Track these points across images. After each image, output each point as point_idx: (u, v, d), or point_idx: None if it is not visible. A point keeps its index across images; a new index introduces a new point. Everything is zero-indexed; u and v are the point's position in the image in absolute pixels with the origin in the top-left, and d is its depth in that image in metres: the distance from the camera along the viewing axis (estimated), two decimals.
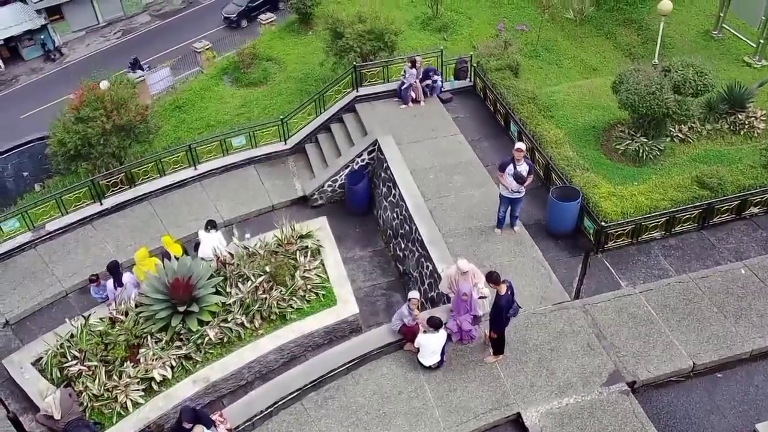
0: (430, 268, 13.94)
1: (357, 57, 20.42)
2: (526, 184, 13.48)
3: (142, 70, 27.98)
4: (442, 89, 19.06)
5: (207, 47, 30.68)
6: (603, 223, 13.55)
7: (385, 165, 16.71)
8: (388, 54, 20.85)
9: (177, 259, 14.56)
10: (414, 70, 18.27)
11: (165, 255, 14.54)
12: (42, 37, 37.17)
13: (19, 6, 37.18)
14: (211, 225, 14.92)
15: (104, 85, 21.50)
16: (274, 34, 26.88)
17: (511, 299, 10.91)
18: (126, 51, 35.81)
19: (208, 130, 21.67)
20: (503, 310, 10.85)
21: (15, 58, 37.16)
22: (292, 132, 19.15)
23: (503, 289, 10.81)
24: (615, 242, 14.01)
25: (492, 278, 10.86)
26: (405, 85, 18.49)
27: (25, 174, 20.83)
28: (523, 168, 13.32)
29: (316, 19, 26.56)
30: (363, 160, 17.63)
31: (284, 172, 18.83)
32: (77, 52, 37.76)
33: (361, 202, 17.71)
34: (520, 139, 16.88)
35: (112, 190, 17.63)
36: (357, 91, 19.11)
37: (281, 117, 18.73)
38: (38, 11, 36.82)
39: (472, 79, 19.50)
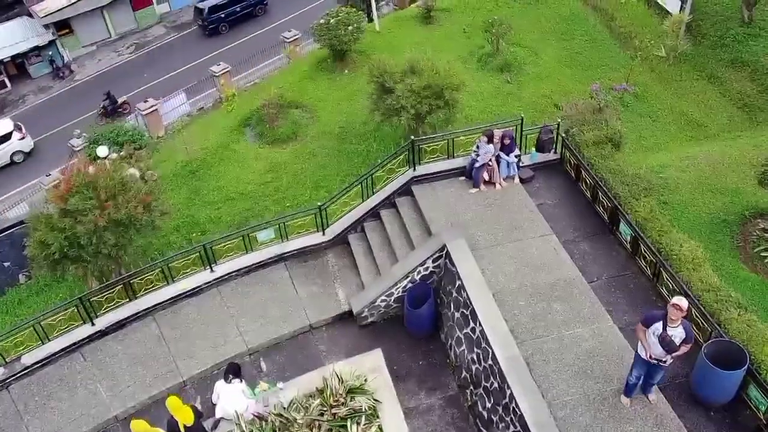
0: None
1: (411, 118, 16.46)
2: (675, 355, 9.47)
3: None
4: (521, 164, 15.04)
5: (225, 71, 26.95)
6: None
7: (457, 283, 12.73)
8: (448, 112, 16.82)
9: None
10: (491, 146, 14.25)
11: (172, 423, 10.97)
12: (50, 53, 34.23)
13: (26, 20, 34.35)
14: (233, 373, 11.47)
15: (103, 152, 17.84)
16: (303, 72, 22.89)
17: None
18: (139, 67, 33.15)
19: (227, 205, 17.82)
20: None
21: (22, 76, 34.29)
22: (332, 219, 15.26)
23: None
24: None
25: None
26: (478, 164, 14.47)
27: (7, 264, 17.19)
28: (677, 332, 9.28)
29: (353, 55, 22.54)
30: (427, 269, 13.63)
31: (323, 273, 14.94)
32: (87, 68, 34.86)
33: (425, 326, 13.73)
34: (635, 249, 12.81)
35: (107, 306, 13.90)
36: (414, 170, 15.12)
37: (319, 204, 14.82)
38: (46, 26, 33.87)
39: (559, 151, 15.41)
